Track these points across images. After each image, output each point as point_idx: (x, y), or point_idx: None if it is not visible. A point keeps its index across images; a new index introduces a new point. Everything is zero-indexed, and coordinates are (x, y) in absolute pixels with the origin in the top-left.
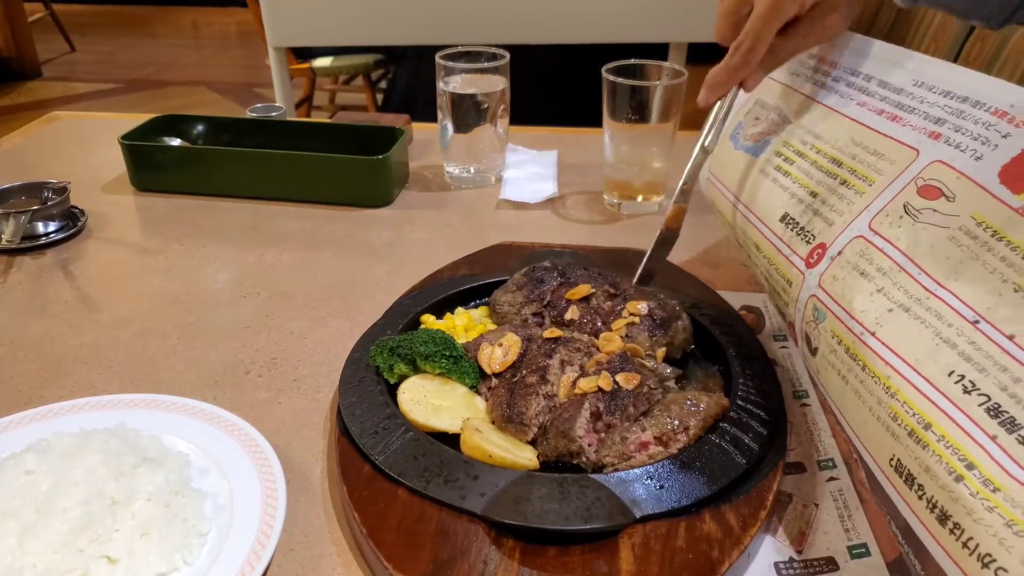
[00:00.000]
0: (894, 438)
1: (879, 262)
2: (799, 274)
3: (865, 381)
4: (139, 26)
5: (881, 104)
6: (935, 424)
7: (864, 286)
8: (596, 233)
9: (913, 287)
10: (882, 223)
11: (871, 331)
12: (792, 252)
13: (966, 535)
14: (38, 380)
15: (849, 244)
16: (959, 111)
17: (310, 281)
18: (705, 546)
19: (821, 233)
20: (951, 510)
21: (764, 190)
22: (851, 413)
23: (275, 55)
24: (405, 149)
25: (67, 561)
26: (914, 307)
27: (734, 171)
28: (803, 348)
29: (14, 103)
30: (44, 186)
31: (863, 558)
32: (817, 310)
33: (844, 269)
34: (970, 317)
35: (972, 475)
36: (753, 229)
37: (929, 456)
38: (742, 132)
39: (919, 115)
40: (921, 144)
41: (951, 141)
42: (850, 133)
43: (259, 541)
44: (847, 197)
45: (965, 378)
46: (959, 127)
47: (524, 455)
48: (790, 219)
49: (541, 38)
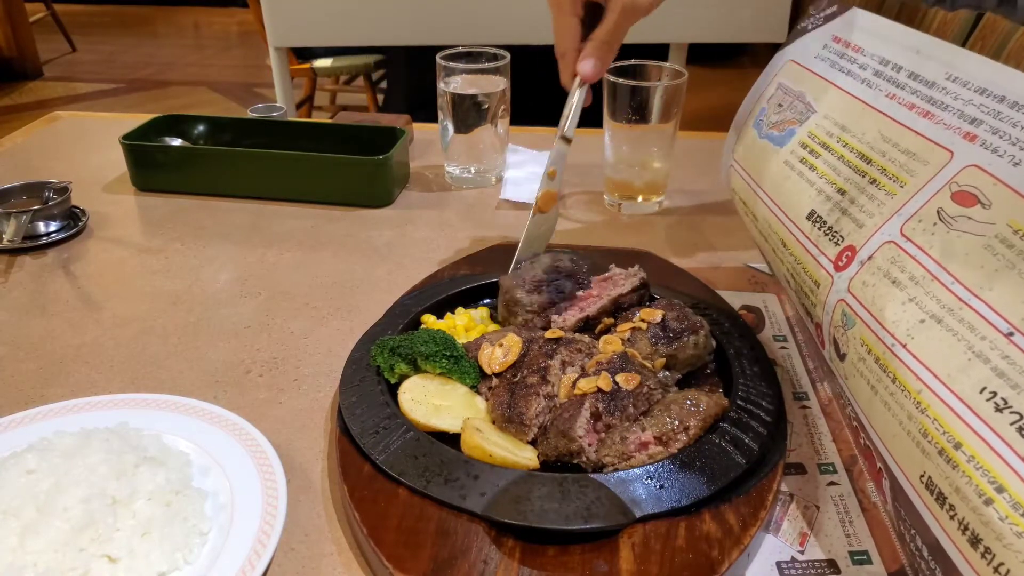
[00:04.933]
0: (925, 455)
1: (911, 270)
2: (827, 276)
3: (895, 394)
4: (140, 26)
5: (912, 98)
6: (965, 444)
7: (896, 295)
8: (596, 233)
9: (946, 297)
10: (915, 229)
11: (903, 343)
12: (820, 252)
13: (997, 560)
14: (39, 379)
15: (880, 249)
16: (996, 111)
17: (311, 281)
18: (705, 546)
19: (850, 235)
20: (982, 533)
21: (790, 184)
22: (880, 424)
23: (276, 55)
24: (406, 149)
25: (68, 560)
26: (947, 318)
27: (758, 160)
28: (831, 352)
29: (15, 103)
30: (45, 186)
31: (864, 565)
32: (846, 315)
33: (875, 276)
34: (1004, 329)
35: (1002, 498)
36: (779, 224)
37: (959, 477)
38: (765, 119)
39: (953, 113)
40: (955, 145)
41: (987, 144)
42: (879, 128)
43: (259, 540)
44: (877, 198)
45: (997, 395)
46: (996, 129)
47: (524, 455)
48: (817, 217)
49: (541, 38)
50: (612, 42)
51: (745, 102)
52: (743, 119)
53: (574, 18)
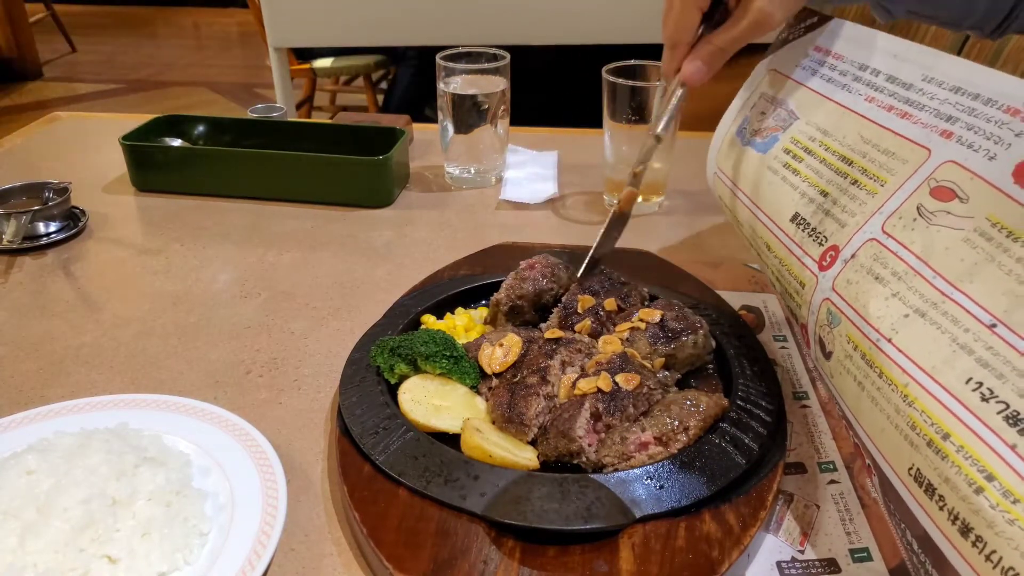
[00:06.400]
0: (913, 447)
1: (894, 266)
2: (812, 276)
3: (882, 388)
4: (140, 27)
5: (890, 100)
6: (953, 434)
7: (879, 291)
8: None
9: (928, 291)
10: (895, 226)
11: (887, 338)
12: (804, 253)
13: (988, 548)
14: (39, 380)
15: (863, 247)
16: (971, 108)
17: (311, 281)
18: (705, 546)
19: (833, 235)
20: (972, 522)
21: (773, 188)
22: (867, 420)
23: (276, 56)
24: (406, 150)
25: (68, 561)
26: (930, 312)
27: (741, 167)
28: (816, 352)
29: (15, 103)
30: (45, 186)
31: (865, 562)
32: (831, 314)
33: (858, 273)
34: (987, 321)
35: (992, 486)
36: (763, 228)
37: (949, 467)
38: (748, 127)
39: (929, 112)
40: (932, 143)
41: (963, 140)
42: (859, 130)
43: (260, 541)
44: (859, 197)
45: (983, 385)
46: (971, 125)
47: (524, 455)
48: (801, 219)
49: (541, 38)
50: (728, 51)
51: (727, 113)
52: (725, 129)
53: (697, 11)
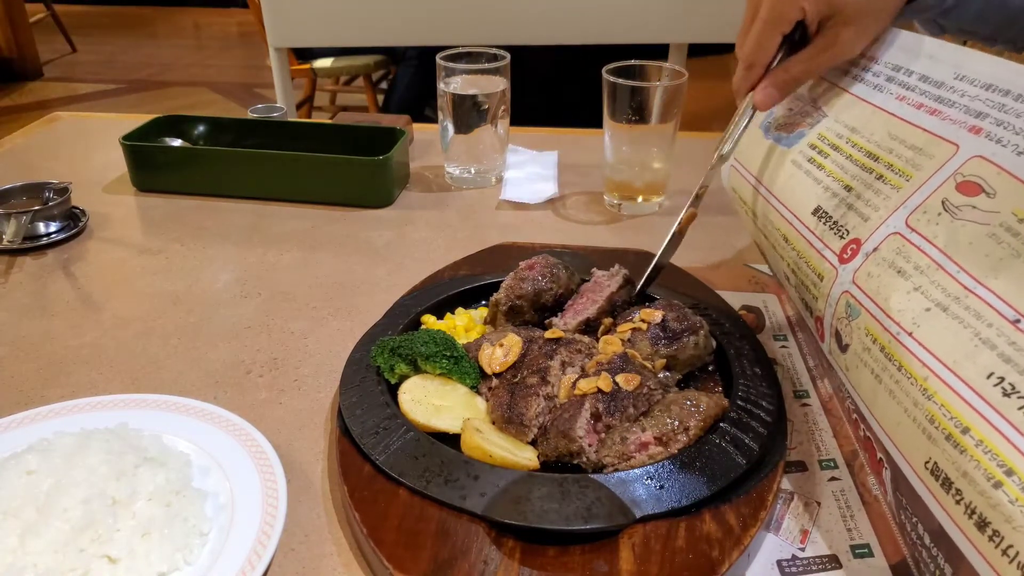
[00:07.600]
0: (931, 441)
1: (916, 260)
2: (832, 269)
3: (900, 382)
4: (140, 27)
5: (921, 98)
6: (973, 428)
7: (901, 284)
8: (596, 233)
9: (951, 285)
10: (919, 220)
11: (908, 331)
12: (824, 246)
13: (1006, 542)
14: (39, 380)
15: (885, 241)
16: (1001, 104)
17: (311, 281)
18: (705, 546)
19: (855, 228)
20: (990, 517)
21: (796, 182)
22: (883, 413)
23: (276, 56)
24: (406, 150)
25: (68, 561)
26: (952, 306)
27: (762, 160)
28: (832, 344)
29: (15, 103)
30: (45, 186)
31: (865, 558)
32: (850, 306)
33: (880, 266)
34: (1010, 316)
35: (1011, 481)
36: (782, 220)
37: (967, 461)
38: (773, 120)
39: (959, 108)
40: (961, 139)
41: (992, 136)
42: (887, 127)
43: (260, 541)
44: (883, 192)
45: (1005, 380)
46: (1001, 121)
47: (524, 455)
48: (823, 212)
49: (542, 39)
50: (804, 81)
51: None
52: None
53: (779, 34)
